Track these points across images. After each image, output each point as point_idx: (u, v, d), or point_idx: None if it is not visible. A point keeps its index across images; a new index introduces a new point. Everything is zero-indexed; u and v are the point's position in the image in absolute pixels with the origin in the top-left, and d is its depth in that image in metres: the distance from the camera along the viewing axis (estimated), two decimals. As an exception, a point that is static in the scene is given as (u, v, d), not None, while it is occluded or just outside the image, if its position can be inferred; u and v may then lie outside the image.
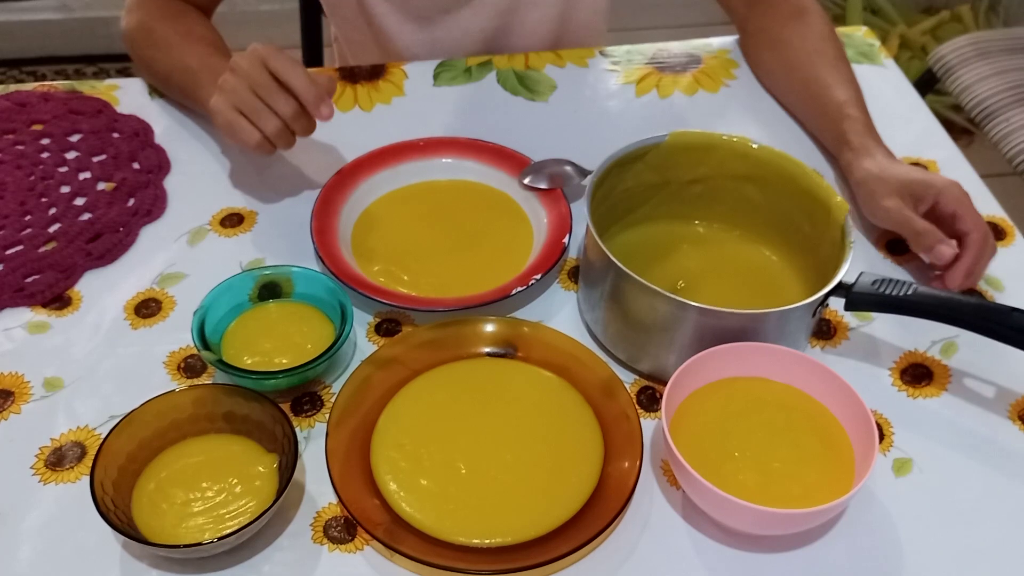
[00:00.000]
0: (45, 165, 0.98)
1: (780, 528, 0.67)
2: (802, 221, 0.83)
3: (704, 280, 0.84)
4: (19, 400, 0.77)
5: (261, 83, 0.83)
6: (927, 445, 0.75)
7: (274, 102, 0.83)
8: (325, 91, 0.83)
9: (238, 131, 0.85)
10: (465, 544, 0.68)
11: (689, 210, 0.88)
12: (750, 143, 0.84)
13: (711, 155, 0.85)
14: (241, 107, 0.84)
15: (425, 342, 0.79)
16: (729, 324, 0.73)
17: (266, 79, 0.83)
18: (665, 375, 0.72)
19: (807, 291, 0.80)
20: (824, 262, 0.79)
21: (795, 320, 0.74)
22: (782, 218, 0.85)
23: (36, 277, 0.86)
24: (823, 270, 0.78)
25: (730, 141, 0.84)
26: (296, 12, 1.42)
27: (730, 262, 0.87)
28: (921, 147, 1.01)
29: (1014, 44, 1.69)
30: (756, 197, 0.85)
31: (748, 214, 0.87)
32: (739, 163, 0.84)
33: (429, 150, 0.96)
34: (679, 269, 0.85)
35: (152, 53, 1.01)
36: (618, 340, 0.79)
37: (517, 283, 0.83)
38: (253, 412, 0.72)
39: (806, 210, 0.82)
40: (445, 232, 0.91)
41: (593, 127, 1.03)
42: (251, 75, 0.83)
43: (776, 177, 0.83)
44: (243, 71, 0.84)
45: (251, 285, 0.81)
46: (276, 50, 0.83)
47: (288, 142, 0.86)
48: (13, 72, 2.41)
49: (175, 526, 0.67)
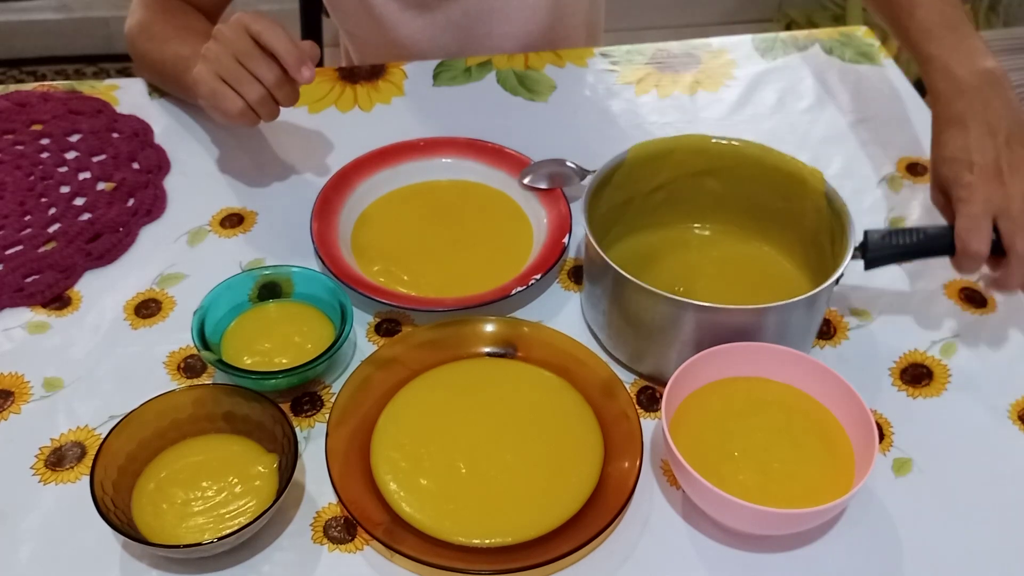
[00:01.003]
0: (45, 165, 0.98)
1: (780, 528, 0.67)
2: (775, 199, 0.83)
3: (706, 282, 0.84)
4: (19, 400, 0.77)
5: (243, 50, 0.83)
6: (927, 445, 0.75)
7: (257, 68, 0.83)
8: (307, 55, 0.83)
9: (221, 100, 0.84)
10: (465, 544, 0.68)
11: (678, 216, 0.88)
12: (709, 139, 0.84)
13: (670, 159, 0.85)
14: (224, 75, 0.84)
15: (425, 342, 0.79)
16: (728, 321, 0.73)
17: (248, 45, 0.82)
18: (666, 376, 0.72)
19: (809, 276, 0.82)
20: (814, 233, 0.80)
21: (798, 313, 0.75)
22: (754, 203, 0.85)
23: (36, 277, 0.86)
24: (816, 241, 0.78)
25: (687, 139, 0.85)
26: (296, 12, 1.42)
27: (729, 261, 0.87)
28: (921, 147, 1.01)
29: (1014, 44, 1.69)
30: (719, 189, 0.86)
31: (722, 209, 0.87)
32: (698, 160, 0.85)
33: (429, 150, 0.96)
34: (679, 271, 0.85)
35: (149, 46, 1.01)
36: (619, 342, 0.79)
37: (517, 283, 0.83)
38: (253, 412, 0.72)
39: (778, 187, 0.82)
40: (445, 232, 0.91)
41: (593, 127, 1.03)
42: (234, 42, 0.83)
43: (736, 165, 0.84)
44: (225, 38, 0.83)
45: (251, 285, 0.81)
46: (259, 15, 0.83)
47: (271, 112, 0.86)
48: (13, 72, 2.41)
49: (175, 526, 0.67)
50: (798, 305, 0.72)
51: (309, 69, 0.83)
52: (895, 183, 0.97)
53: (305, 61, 0.83)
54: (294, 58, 0.82)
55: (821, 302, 0.76)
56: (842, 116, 1.05)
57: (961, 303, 0.85)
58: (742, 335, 0.73)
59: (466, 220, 0.92)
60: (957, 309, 0.85)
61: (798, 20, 2.50)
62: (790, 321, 0.75)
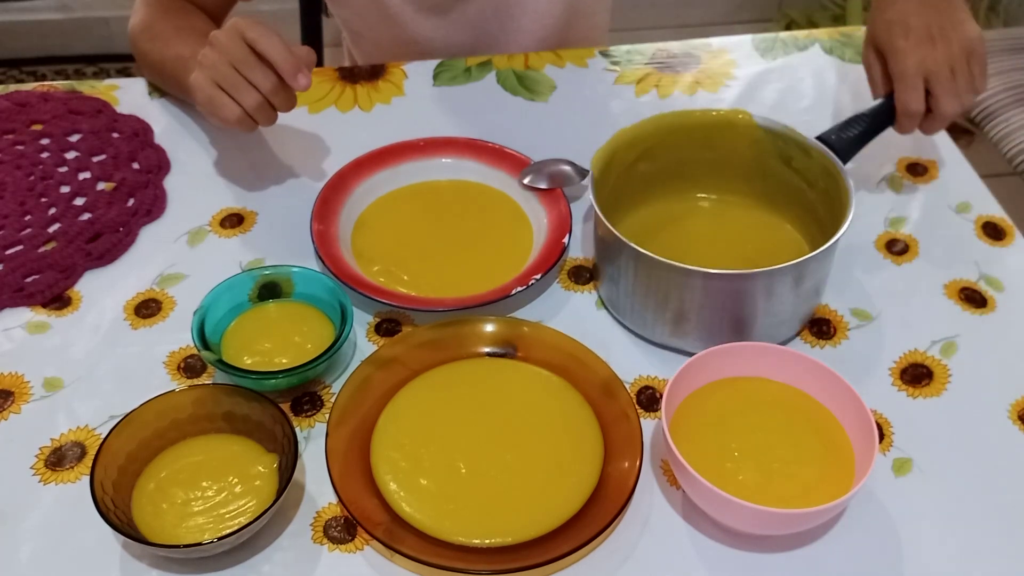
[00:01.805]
0: (45, 165, 0.98)
1: (780, 528, 0.67)
2: (703, 152, 0.88)
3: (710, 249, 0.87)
4: (19, 400, 0.77)
5: (240, 57, 0.83)
6: (927, 445, 0.75)
7: (253, 75, 0.83)
8: (303, 62, 0.83)
9: (218, 107, 0.84)
10: (465, 544, 0.68)
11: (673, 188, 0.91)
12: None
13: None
14: (221, 82, 0.84)
15: (425, 342, 0.79)
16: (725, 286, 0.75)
17: (244, 52, 0.82)
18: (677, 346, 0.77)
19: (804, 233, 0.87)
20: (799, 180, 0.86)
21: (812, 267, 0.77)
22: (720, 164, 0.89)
23: (36, 277, 0.86)
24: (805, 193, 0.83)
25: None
26: (296, 12, 1.42)
27: (732, 228, 0.90)
28: (921, 147, 1.01)
29: (1014, 44, 1.69)
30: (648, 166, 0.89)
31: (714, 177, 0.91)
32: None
33: (429, 150, 0.96)
34: (688, 241, 0.88)
35: (150, 46, 1.01)
36: (630, 311, 0.81)
37: (517, 283, 0.83)
38: (253, 412, 0.72)
39: (706, 141, 0.88)
40: (445, 232, 0.91)
41: (593, 127, 1.03)
42: (230, 49, 0.83)
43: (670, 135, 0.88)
44: (222, 45, 0.83)
45: (251, 285, 0.81)
46: (255, 22, 0.83)
47: (269, 117, 0.86)
48: (13, 72, 2.41)
49: (175, 526, 0.67)
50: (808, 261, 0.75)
51: (305, 76, 0.83)
52: (895, 183, 0.97)
53: (301, 68, 0.83)
54: (290, 65, 0.82)
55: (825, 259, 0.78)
56: (842, 116, 1.04)
57: (961, 303, 0.85)
58: (752, 298, 0.75)
59: (466, 220, 0.92)
60: (957, 309, 0.85)
61: (798, 20, 2.50)
62: (804, 274, 0.77)
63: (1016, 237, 0.91)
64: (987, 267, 0.88)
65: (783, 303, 0.77)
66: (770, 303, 0.76)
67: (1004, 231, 0.92)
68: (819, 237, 0.82)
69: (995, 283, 0.87)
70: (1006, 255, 0.89)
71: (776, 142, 0.86)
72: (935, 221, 0.93)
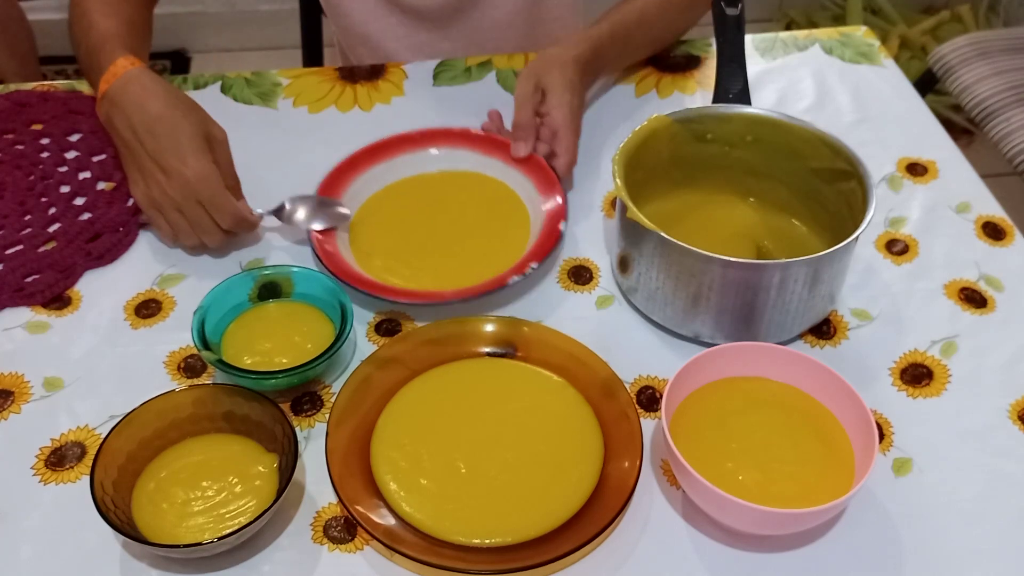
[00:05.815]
0: (45, 165, 0.98)
1: (780, 528, 0.67)
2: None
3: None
4: (19, 400, 0.77)
5: (193, 218, 0.85)
6: (927, 445, 0.75)
7: (204, 235, 0.86)
8: (252, 225, 0.87)
9: (179, 238, 0.87)
10: (465, 544, 0.68)
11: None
12: None
13: None
14: (176, 231, 0.86)
15: (425, 342, 0.79)
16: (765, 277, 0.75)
17: (198, 214, 0.84)
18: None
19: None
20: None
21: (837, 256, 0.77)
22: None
23: (36, 277, 0.86)
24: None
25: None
26: (296, 12, 1.42)
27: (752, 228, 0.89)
28: (921, 147, 1.01)
29: (1014, 44, 1.69)
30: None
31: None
32: None
33: (423, 142, 0.97)
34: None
35: (73, 29, 0.96)
36: (645, 299, 0.82)
37: (514, 272, 0.83)
38: (253, 412, 0.72)
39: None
40: (443, 224, 0.91)
41: (593, 127, 1.03)
42: (185, 208, 0.84)
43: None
44: (176, 202, 0.84)
45: (251, 285, 0.81)
46: (209, 181, 0.83)
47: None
48: (13, 72, 2.41)
49: (175, 526, 0.67)
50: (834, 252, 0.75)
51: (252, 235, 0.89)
52: (895, 183, 0.97)
53: (251, 229, 0.88)
54: (241, 229, 0.87)
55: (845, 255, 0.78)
56: (842, 116, 1.05)
57: (961, 303, 0.85)
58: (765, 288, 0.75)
59: (464, 211, 0.93)
60: (957, 309, 0.85)
61: (798, 20, 2.50)
62: (831, 265, 0.77)
63: (1016, 237, 0.91)
64: (987, 267, 0.88)
65: (795, 300, 0.77)
66: (781, 297, 0.76)
67: (1004, 231, 0.92)
68: (832, 240, 0.82)
69: (995, 283, 0.87)
70: (1006, 255, 0.89)
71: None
72: (935, 221, 0.93)
